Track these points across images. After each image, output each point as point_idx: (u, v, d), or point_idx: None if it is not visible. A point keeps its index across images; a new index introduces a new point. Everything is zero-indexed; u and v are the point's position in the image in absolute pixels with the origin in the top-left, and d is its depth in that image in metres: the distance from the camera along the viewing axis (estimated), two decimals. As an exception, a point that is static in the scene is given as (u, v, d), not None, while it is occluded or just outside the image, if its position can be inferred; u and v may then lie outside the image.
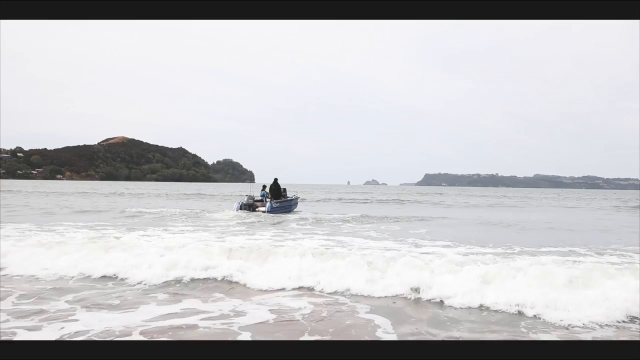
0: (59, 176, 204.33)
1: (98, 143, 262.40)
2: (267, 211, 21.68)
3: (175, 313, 5.68)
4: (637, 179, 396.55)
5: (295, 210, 24.43)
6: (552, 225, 19.34)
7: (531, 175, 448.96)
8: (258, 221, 18.38)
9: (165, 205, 29.71)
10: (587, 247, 11.24)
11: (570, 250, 10.81)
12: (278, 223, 17.61)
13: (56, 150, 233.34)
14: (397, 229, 16.22)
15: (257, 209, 22.36)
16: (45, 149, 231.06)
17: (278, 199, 22.80)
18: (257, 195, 23.89)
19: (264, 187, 23.86)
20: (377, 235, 14.07)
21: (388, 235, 14.09)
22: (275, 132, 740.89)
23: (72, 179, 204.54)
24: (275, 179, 23.35)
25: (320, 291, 6.90)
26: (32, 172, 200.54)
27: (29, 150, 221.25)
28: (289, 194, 24.68)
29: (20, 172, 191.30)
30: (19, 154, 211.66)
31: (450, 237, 13.08)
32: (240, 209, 22.43)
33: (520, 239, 13.69)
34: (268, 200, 22.55)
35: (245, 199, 22.99)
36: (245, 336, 4.93)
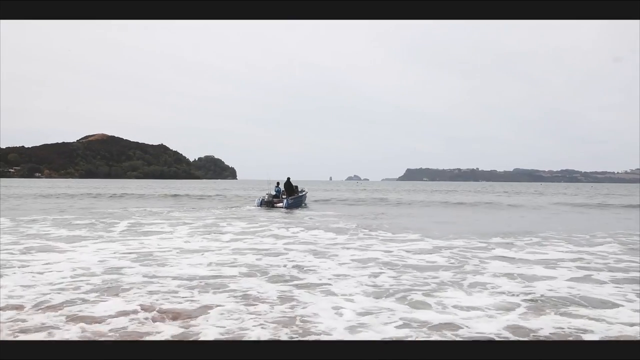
0: (37, 174, 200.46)
1: (77, 140, 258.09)
2: (284, 207, 24.69)
3: None
4: (613, 172, 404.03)
5: (305, 203, 27.58)
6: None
7: (511, 170, 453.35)
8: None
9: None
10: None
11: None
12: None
13: (34, 148, 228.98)
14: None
15: (275, 205, 25.23)
16: (23, 146, 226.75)
17: (292, 195, 25.88)
18: (272, 191, 26.82)
19: (278, 183, 27.05)
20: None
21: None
22: (257, 129, 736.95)
23: (50, 177, 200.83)
24: (288, 178, 26.55)
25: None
26: (10, 170, 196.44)
27: (6, 148, 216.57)
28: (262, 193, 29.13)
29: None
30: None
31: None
32: (261, 205, 25.61)
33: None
34: (284, 197, 25.53)
35: (266, 197, 26.01)
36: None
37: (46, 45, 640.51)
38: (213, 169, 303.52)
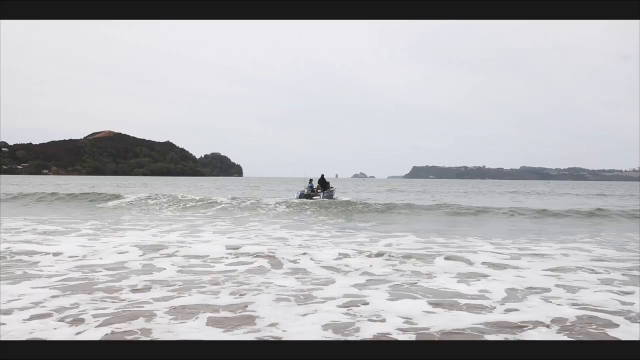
0: (45, 171, 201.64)
1: (84, 137, 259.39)
2: (321, 198, 29.01)
3: None
4: (621, 170, 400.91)
5: (334, 197, 31.24)
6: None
7: (517, 168, 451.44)
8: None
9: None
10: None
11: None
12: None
13: (42, 145, 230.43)
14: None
15: (313, 197, 29.37)
16: (31, 143, 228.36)
17: (326, 189, 30.61)
18: (304, 189, 30.73)
19: (311, 180, 31.42)
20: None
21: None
22: (263, 126, 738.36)
23: (58, 173, 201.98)
24: (322, 175, 31.45)
25: None
26: (18, 167, 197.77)
27: (14, 145, 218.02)
28: (299, 188, 32.79)
29: (6, 167, 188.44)
30: (3, 149, 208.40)
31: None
32: (300, 197, 29.57)
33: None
34: (320, 190, 30.30)
35: (305, 191, 30.42)
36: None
37: (51, 44, 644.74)
38: (219, 166, 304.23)
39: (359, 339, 4.87)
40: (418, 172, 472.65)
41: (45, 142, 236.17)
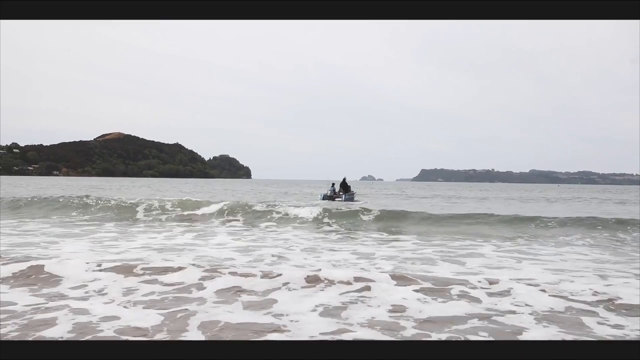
0: (55, 172, 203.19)
1: (94, 139, 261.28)
2: (343, 200, 30.57)
3: None
4: (632, 174, 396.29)
5: (355, 199, 32.80)
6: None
7: (527, 171, 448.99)
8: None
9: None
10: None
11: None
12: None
13: (52, 146, 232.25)
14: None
15: (335, 199, 30.85)
16: (41, 145, 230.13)
17: (347, 192, 32.39)
18: (327, 191, 32.23)
19: (333, 184, 32.69)
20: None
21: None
22: (271, 128, 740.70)
23: (68, 175, 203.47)
24: (344, 178, 32.99)
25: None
26: (29, 168, 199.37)
27: (25, 146, 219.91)
28: (322, 190, 34.18)
29: (17, 169, 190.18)
30: (14, 150, 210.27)
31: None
32: (324, 199, 31.12)
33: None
34: (342, 193, 31.95)
35: (329, 192, 31.93)
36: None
37: (54, 45, 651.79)
38: (228, 168, 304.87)
39: (357, 339, 4.90)
40: (426, 175, 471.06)
41: (56, 143, 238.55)
